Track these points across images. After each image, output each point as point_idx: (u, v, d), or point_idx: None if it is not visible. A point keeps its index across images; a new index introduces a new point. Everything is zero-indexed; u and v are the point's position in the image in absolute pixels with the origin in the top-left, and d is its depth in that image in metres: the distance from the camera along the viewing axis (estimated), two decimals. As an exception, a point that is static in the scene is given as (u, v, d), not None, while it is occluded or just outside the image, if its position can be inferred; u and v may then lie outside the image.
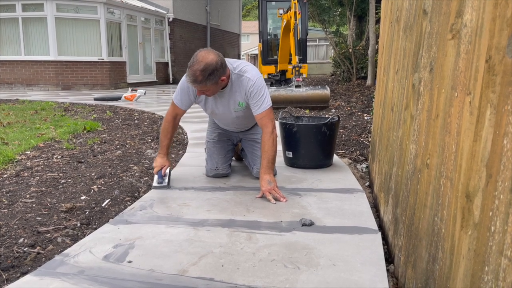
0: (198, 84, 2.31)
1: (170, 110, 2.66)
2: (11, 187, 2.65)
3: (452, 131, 1.04)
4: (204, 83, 2.30)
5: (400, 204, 1.65)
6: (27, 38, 11.19)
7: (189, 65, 2.30)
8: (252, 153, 2.83)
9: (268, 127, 2.45)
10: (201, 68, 2.25)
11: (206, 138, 2.95)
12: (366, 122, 5.21)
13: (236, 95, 2.53)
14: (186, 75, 2.32)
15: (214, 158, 2.81)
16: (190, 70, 2.29)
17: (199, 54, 2.30)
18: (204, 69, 2.25)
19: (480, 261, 0.82)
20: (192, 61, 2.29)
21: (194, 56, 2.31)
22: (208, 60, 2.27)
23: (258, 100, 2.46)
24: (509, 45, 0.74)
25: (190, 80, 2.30)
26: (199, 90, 2.39)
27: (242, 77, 2.48)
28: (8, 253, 1.77)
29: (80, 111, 6.70)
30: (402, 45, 1.89)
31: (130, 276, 1.52)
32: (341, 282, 1.47)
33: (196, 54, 2.31)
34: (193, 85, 2.35)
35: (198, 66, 2.25)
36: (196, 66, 2.26)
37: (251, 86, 2.46)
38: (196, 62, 2.27)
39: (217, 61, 2.29)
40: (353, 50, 11.64)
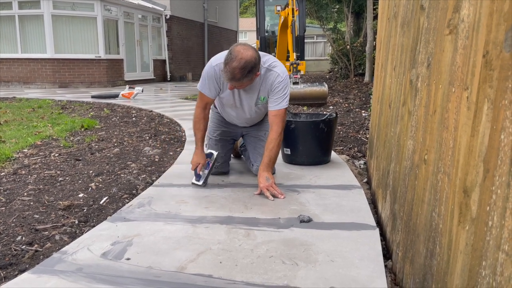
0: (236, 82, 2.28)
1: (199, 101, 2.59)
2: (9, 185, 2.65)
3: (450, 127, 1.04)
4: (241, 80, 2.27)
5: (398, 200, 1.65)
6: (24, 36, 11.15)
7: (226, 61, 2.23)
8: (255, 149, 2.82)
9: (279, 127, 2.45)
10: (240, 66, 2.20)
11: (208, 134, 2.90)
12: (364, 119, 5.21)
13: (261, 89, 2.51)
14: (223, 71, 2.27)
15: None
16: (228, 67, 2.22)
17: (236, 50, 2.24)
18: (244, 67, 2.21)
19: (477, 256, 0.82)
20: (229, 57, 2.23)
21: (232, 51, 2.24)
22: (247, 57, 2.21)
23: (279, 97, 2.45)
24: (506, 40, 0.74)
25: (227, 77, 2.26)
26: (232, 85, 2.36)
27: (271, 72, 2.46)
28: (6, 251, 1.77)
29: (77, 109, 6.68)
30: (400, 41, 1.89)
31: (129, 273, 1.52)
32: (339, 278, 1.47)
33: (234, 49, 2.25)
34: (230, 82, 2.31)
35: (238, 64, 2.20)
36: (235, 64, 2.20)
37: (278, 82, 2.44)
38: (235, 59, 2.20)
39: (256, 58, 2.26)
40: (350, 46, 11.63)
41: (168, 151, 3.66)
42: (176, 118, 5.45)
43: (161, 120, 5.47)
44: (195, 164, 2.56)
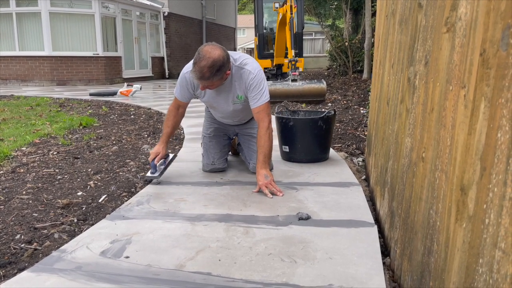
0: (205, 81, 2.29)
1: (173, 102, 2.69)
2: (7, 184, 2.65)
3: (447, 125, 1.04)
4: (211, 79, 2.28)
5: (396, 197, 1.65)
6: (21, 33, 11.11)
7: (195, 61, 2.25)
8: (249, 147, 2.84)
9: (265, 121, 2.44)
10: (208, 65, 2.22)
11: (202, 133, 2.94)
12: (362, 116, 5.22)
13: (235, 88, 2.52)
14: (192, 71, 2.29)
15: (210, 152, 2.81)
16: (196, 66, 2.25)
17: (204, 50, 2.26)
18: (212, 65, 2.22)
19: (474, 253, 0.82)
20: (198, 57, 2.25)
21: (200, 51, 2.26)
22: (215, 56, 2.23)
23: (257, 94, 2.45)
24: (503, 39, 0.74)
25: (197, 76, 2.27)
26: (203, 85, 2.37)
27: (243, 70, 2.46)
28: (5, 249, 1.77)
29: (75, 106, 6.67)
30: (398, 39, 1.89)
31: (128, 272, 1.52)
32: (338, 275, 1.48)
33: (202, 49, 2.27)
34: (199, 82, 2.32)
35: (206, 63, 2.22)
36: (204, 63, 2.22)
37: (251, 79, 2.44)
38: (203, 58, 2.22)
39: (224, 56, 2.27)
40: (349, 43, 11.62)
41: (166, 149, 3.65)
42: (175, 116, 5.44)
43: (159, 117, 5.47)
44: (155, 154, 2.59)
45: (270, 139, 2.46)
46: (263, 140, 2.44)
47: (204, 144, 2.87)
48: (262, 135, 2.44)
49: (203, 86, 2.38)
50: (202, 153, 2.88)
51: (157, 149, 2.62)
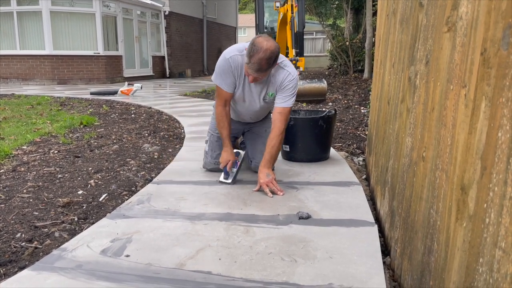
0: (262, 72, 2.29)
1: (218, 100, 2.58)
2: (8, 182, 2.65)
3: (448, 124, 1.04)
4: (266, 71, 2.30)
5: (397, 196, 1.65)
6: (22, 32, 11.11)
7: (252, 52, 2.23)
8: (254, 146, 2.82)
9: (282, 124, 2.46)
10: (267, 57, 2.22)
11: (210, 130, 2.89)
12: (363, 115, 5.22)
13: (270, 84, 2.52)
14: (249, 63, 2.26)
15: (215, 151, 2.79)
16: (254, 58, 2.23)
17: (260, 41, 2.25)
18: (270, 57, 2.23)
19: (475, 252, 0.82)
20: (254, 49, 2.23)
21: (255, 43, 2.25)
22: (272, 48, 2.24)
23: (287, 95, 2.47)
24: (504, 38, 0.74)
25: (255, 68, 2.26)
26: (253, 77, 2.34)
27: (283, 70, 2.48)
28: (5, 248, 1.78)
29: (76, 105, 6.68)
30: (399, 38, 1.89)
31: (128, 270, 1.52)
32: (338, 274, 1.48)
33: (256, 41, 2.26)
34: (256, 74, 2.30)
35: (264, 55, 2.21)
36: (262, 55, 2.21)
37: (289, 80, 2.46)
38: (260, 50, 2.22)
39: (278, 48, 2.29)
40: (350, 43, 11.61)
41: (167, 148, 3.66)
42: (175, 115, 5.45)
43: (160, 117, 5.47)
44: (225, 162, 2.54)
45: (281, 143, 2.50)
46: (274, 142, 2.45)
47: (211, 142, 2.84)
48: (274, 137, 2.45)
49: (256, 78, 2.35)
50: (205, 150, 2.86)
51: (226, 156, 2.56)
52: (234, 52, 2.45)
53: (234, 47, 2.51)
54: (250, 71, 2.30)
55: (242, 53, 2.42)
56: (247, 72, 2.35)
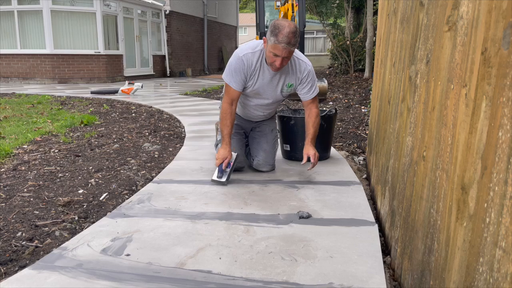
0: (291, 47, 2.33)
1: (225, 97, 2.58)
2: (9, 181, 2.65)
3: (448, 123, 1.04)
4: (295, 45, 2.36)
5: (397, 196, 1.65)
6: (23, 31, 11.11)
7: (277, 31, 2.30)
8: (258, 144, 2.81)
9: (317, 107, 2.67)
10: (293, 31, 2.30)
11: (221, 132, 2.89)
12: (364, 115, 5.21)
13: (288, 75, 2.59)
14: (278, 39, 2.30)
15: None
16: (282, 33, 2.29)
17: (280, 21, 2.35)
18: (295, 31, 2.31)
19: (475, 252, 0.82)
20: (278, 27, 2.30)
21: (275, 24, 2.33)
22: (293, 24, 2.33)
23: (311, 86, 2.62)
24: (504, 37, 0.74)
25: (285, 42, 2.29)
26: (282, 58, 2.36)
27: (300, 61, 2.59)
28: (6, 247, 1.78)
29: (77, 104, 6.68)
30: (399, 37, 1.89)
31: (128, 269, 1.52)
32: (338, 274, 1.48)
33: (276, 22, 2.34)
34: (286, 49, 2.32)
35: (290, 29, 2.29)
36: (288, 29, 2.29)
37: (308, 72, 2.59)
38: (285, 26, 2.30)
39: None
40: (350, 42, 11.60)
41: (167, 147, 3.66)
42: (176, 114, 5.45)
43: (160, 116, 5.47)
44: (222, 159, 2.51)
45: (319, 123, 2.68)
46: (316, 123, 2.63)
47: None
48: (317, 116, 2.65)
49: (281, 59, 2.36)
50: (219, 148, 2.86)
51: (224, 153, 2.53)
52: (247, 50, 2.51)
53: (246, 45, 2.57)
54: (279, 46, 2.32)
55: (255, 50, 2.49)
56: (272, 57, 2.38)
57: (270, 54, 2.37)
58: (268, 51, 2.38)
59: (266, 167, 2.79)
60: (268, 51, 2.38)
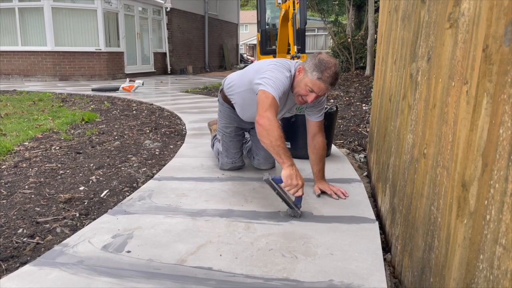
0: (332, 87, 2.22)
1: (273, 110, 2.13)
2: (10, 178, 2.66)
3: (449, 121, 1.04)
4: (335, 86, 2.25)
5: (397, 193, 1.65)
6: (24, 28, 11.11)
7: (323, 67, 2.13)
8: (258, 141, 2.79)
9: (324, 136, 2.47)
10: (338, 71, 2.18)
11: (221, 130, 2.82)
12: (365, 112, 5.21)
13: None
14: (323, 78, 2.13)
15: (230, 152, 2.76)
16: (329, 72, 2.13)
17: (326, 58, 2.19)
18: (339, 72, 2.20)
19: (475, 249, 0.82)
20: (325, 64, 2.14)
21: (322, 59, 2.16)
22: (337, 63, 2.21)
23: (321, 108, 2.47)
24: (506, 34, 0.74)
25: (328, 82, 2.15)
26: (316, 95, 2.20)
27: None
28: (7, 243, 1.78)
29: (78, 102, 6.68)
30: (400, 35, 1.89)
31: (129, 266, 1.53)
32: (339, 271, 1.48)
33: (323, 58, 2.18)
34: (329, 88, 2.19)
35: (336, 69, 2.16)
36: (334, 69, 2.16)
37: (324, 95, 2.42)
38: (332, 65, 2.15)
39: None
40: (352, 40, 11.58)
41: (168, 144, 3.67)
42: (177, 112, 5.45)
43: (161, 113, 5.47)
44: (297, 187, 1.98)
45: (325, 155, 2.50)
46: (324, 153, 2.45)
47: (224, 142, 2.79)
48: (324, 148, 2.45)
49: (317, 96, 2.21)
50: (219, 150, 2.85)
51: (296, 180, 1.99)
52: (289, 72, 2.28)
53: (282, 64, 2.31)
54: (322, 85, 2.15)
55: (291, 74, 2.28)
56: (306, 91, 2.19)
57: (306, 88, 2.17)
58: (304, 83, 2.18)
59: (267, 165, 2.80)
60: (304, 84, 2.18)
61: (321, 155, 2.43)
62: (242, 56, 23.48)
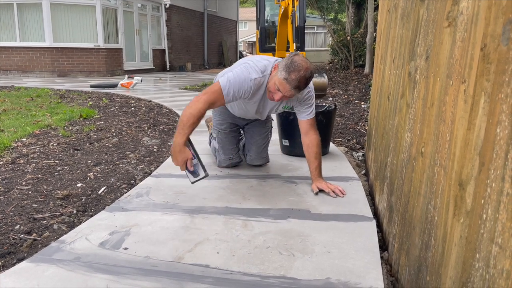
0: (298, 91, 2.18)
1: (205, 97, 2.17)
2: (7, 174, 2.65)
3: (447, 120, 1.04)
4: (303, 90, 2.21)
5: (395, 192, 1.65)
6: (22, 24, 11.07)
7: (291, 69, 2.11)
8: (251, 139, 2.79)
9: (317, 134, 2.43)
10: (307, 76, 2.13)
11: (215, 127, 2.82)
12: (363, 111, 5.21)
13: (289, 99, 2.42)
14: (289, 79, 2.11)
15: (227, 149, 2.76)
16: (295, 75, 2.10)
17: (300, 60, 2.15)
18: (309, 77, 2.14)
19: (471, 248, 0.82)
20: (295, 65, 2.11)
21: (293, 62, 2.13)
22: (311, 69, 2.16)
23: (309, 106, 2.43)
24: (504, 33, 0.74)
25: (294, 86, 2.12)
26: (281, 95, 2.18)
27: None
28: (4, 239, 1.78)
29: (76, 98, 6.67)
30: (399, 33, 1.89)
31: (126, 263, 1.53)
32: (336, 268, 1.48)
33: (296, 58, 2.15)
34: (293, 91, 2.16)
35: (305, 74, 2.11)
36: (303, 73, 2.11)
37: (308, 93, 2.41)
38: (302, 68, 2.11)
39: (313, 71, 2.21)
40: (351, 38, 11.57)
41: (166, 141, 3.66)
42: (175, 109, 5.44)
43: (160, 110, 5.47)
44: (183, 162, 2.10)
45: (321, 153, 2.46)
46: (319, 151, 2.41)
47: (220, 139, 2.78)
48: (318, 146, 2.41)
49: (283, 96, 2.18)
50: (215, 148, 2.85)
51: (183, 156, 2.10)
52: (258, 74, 2.26)
53: (255, 65, 2.30)
54: (286, 86, 2.13)
55: (264, 75, 2.28)
56: (274, 89, 2.18)
57: (274, 85, 2.17)
58: (274, 81, 2.18)
59: (260, 161, 2.78)
60: (273, 82, 2.18)
61: (315, 152, 2.40)
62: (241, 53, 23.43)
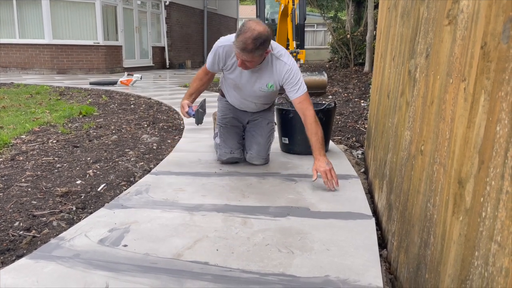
0: (247, 53, 2.22)
1: (203, 68, 2.68)
2: (6, 171, 2.65)
3: (447, 118, 1.04)
4: (253, 52, 2.22)
5: (394, 190, 1.66)
6: (22, 21, 11.05)
7: (239, 32, 2.22)
8: (252, 137, 2.79)
9: (310, 110, 2.42)
10: (253, 36, 2.17)
11: (219, 123, 2.86)
12: (363, 109, 5.21)
13: (266, 75, 2.49)
14: (235, 42, 2.22)
15: (228, 142, 2.76)
16: (241, 37, 2.20)
17: (249, 23, 2.24)
18: (257, 37, 2.18)
19: (470, 246, 0.82)
20: (242, 29, 2.21)
21: (244, 24, 2.23)
22: (260, 29, 2.20)
23: (295, 85, 2.43)
24: (504, 31, 0.73)
25: (240, 47, 2.21)
26: (242, 60, 2.29)
27: (278, 60, 2.44)
28: (3, 236, 1.78)
29: (75, 95, 6.66)
30: (399, 31, 1.88)
31: (125, 260, 1.53)
32: (335, 266, 1.48)
33: (246, 23, 2.25)
34: (241, 54, 2.24)
35: (251, 34, 2.17)
36: (249, 34, 2.17)
37: (287, 71, 2.42)
38: (248, 30, 2.19)
39: (268, 32, 2.25)
40: (351, 36, 11.55)
41: (166, 139, 3.66)
42: (175, 106, 5.44)
43: (159, 107, 5.46)
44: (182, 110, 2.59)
45: (320, 126, 2.43)
46: (315, 127, 2.39)
47: (221, 133, 2.80)
48: (312, 122, 2.39)
49: (242, 61, 2.29)
50: (217, 142, 2.84)
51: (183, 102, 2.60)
52: (228, 42, 2.42)
53: (230, 35, 2.47)
54: (236, 50, 2.26)
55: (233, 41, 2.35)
56: (236, 55, 2.31)
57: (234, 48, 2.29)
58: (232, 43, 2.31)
59: (259, 161, 2.77)
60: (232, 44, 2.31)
61: (310, 129, 2.39)
62: (241, 51, 23.38)
